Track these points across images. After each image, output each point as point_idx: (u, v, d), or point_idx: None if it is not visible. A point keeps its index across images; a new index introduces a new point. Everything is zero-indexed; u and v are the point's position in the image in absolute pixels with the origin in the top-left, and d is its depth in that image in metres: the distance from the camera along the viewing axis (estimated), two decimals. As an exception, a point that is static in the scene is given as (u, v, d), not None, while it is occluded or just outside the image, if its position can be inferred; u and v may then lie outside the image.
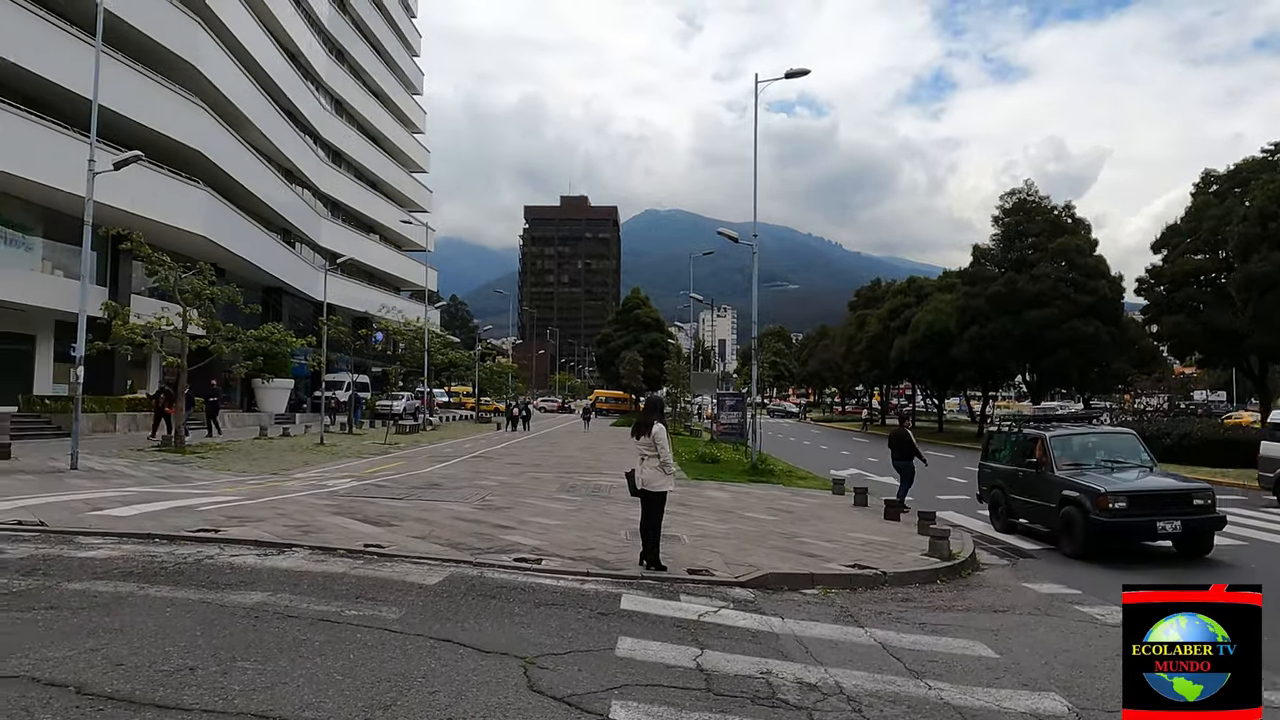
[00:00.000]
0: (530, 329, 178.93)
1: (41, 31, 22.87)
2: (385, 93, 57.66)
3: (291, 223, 41.50)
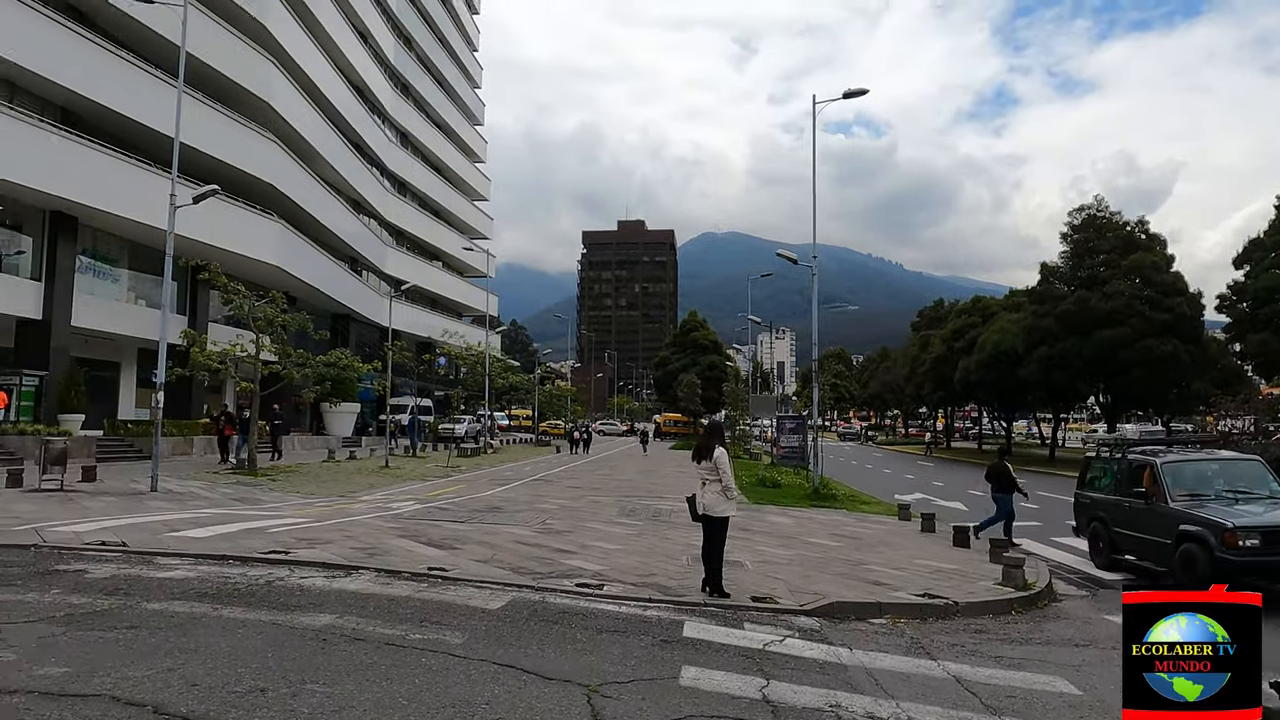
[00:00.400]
0: (588, 352, 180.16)
1: (128, 74, 24.15)
2: (448, 124, 59.20)
3: (359, 251, 42.73)
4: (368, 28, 43.81)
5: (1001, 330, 43.08)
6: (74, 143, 22.46)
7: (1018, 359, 39.92)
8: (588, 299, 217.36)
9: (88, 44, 22.93)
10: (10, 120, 20.71)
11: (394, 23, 48.97)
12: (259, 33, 30.15)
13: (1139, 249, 37.16)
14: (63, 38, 22.11)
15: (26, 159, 20.85)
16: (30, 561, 8.25)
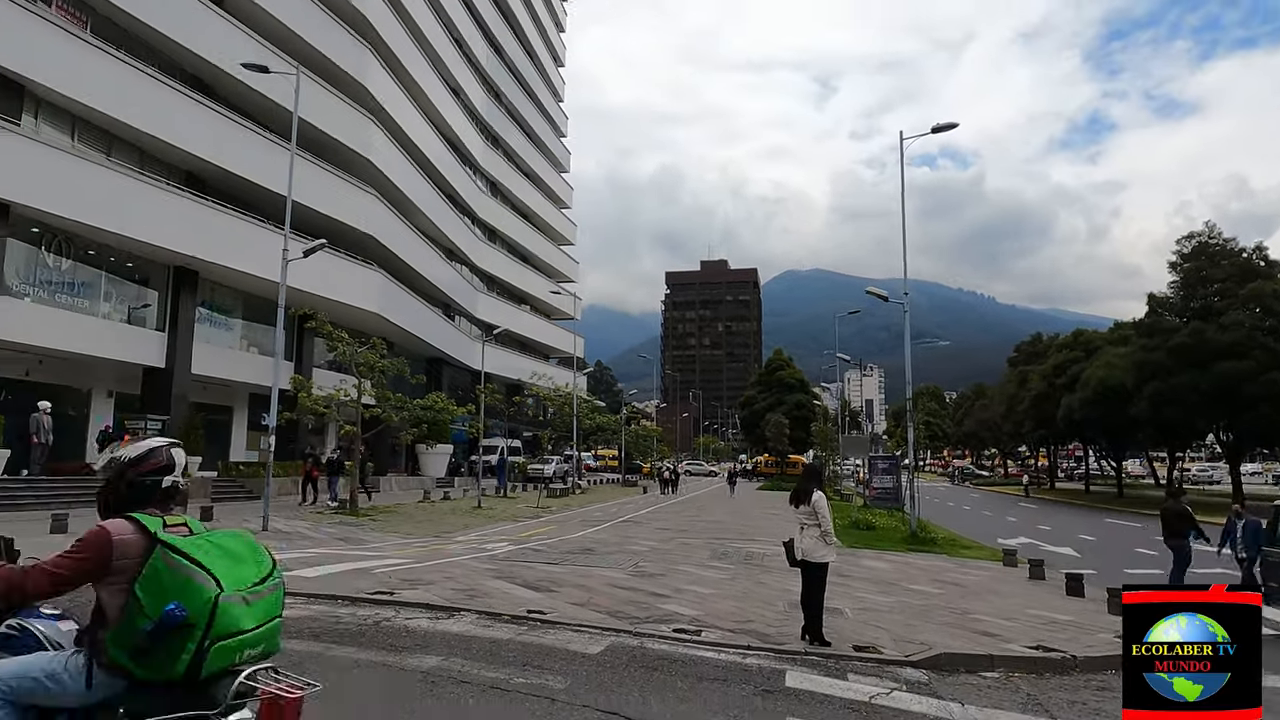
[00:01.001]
0: (673, 392, 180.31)
1: (245, 139, 25.94)
2: (536, 173, 61.09)
3: (451, 297, 44.22)
4: (460, 84, 45.84)
5: (1107, 365, 41.07)
6: (197, 204, 24.19)
7: (1126, 395, 37.91)
8: (671, 339, 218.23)
9: (210, 113, 24.80)
10: (141, 185, 22.50)
11: (484, 78, 51.11)
12: (360, 94, 31.96)
13: (1258, 276, 35.01)
14: (188, 108, 23.98)
15: (155, 220, 22.56)
16: (159, 598, 8.75)
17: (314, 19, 29.46)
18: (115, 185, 21.70)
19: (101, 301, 23.08)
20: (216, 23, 25.13)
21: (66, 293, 21.94)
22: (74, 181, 20.53)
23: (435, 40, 41.23)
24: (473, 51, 48.42)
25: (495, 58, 53.15)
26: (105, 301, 23.22)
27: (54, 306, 21.35)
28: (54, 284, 21.55)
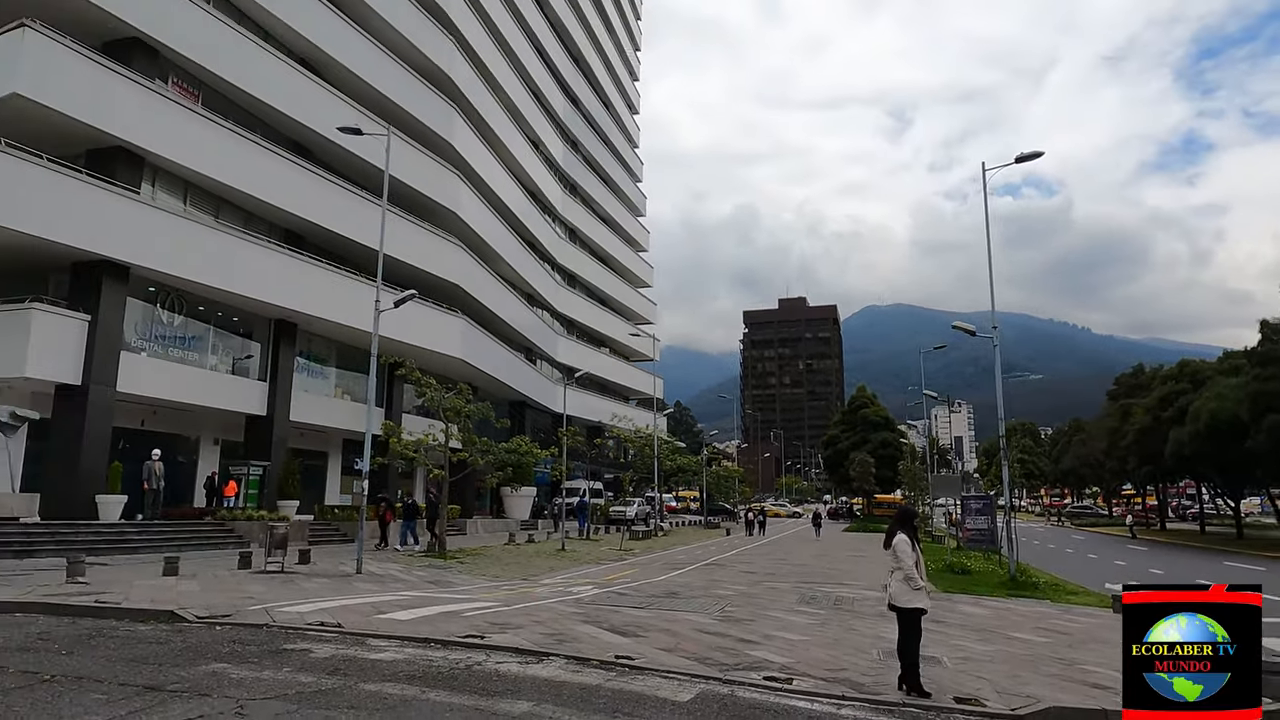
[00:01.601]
0: (754, 432, 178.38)
1: (340, 198, 27.37)
2: (613, 218, 62.24)
3: (533, 342, 45.14)
4: (539, 136, 47.33)
5: (1219, 397, 38.69)
6: (296, 260, 25.56)
7: (1242, 428, 35.58)
8: (751, 378, 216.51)
9: (309, 174, 26.30)
10: (246, 244, 23.94)
11: (562, 129, 52.64)
12: (446, 150, 33.35)
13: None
14: (289, 170, 25.50)
15: (258, 276, 23.93)
16: (264, 640, 9.10)
17: (404, 83, 31.03)
18: (223, 245, 23.15)
19: (209, 354, 24.48)
20: (315, 91, 26.76)
21: (178, 347, 23.38)
22: (186, 243, 22.01)
23: (516, 96, 42.80)
24: (551, 105, 50.01)
25: (572, 109, 54.73)
26: (213, 354, 24.62)
27: (167, 360, 22.76)
28: (167, 339, 23.01)
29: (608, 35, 62.76)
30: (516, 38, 43.62)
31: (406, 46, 31.42)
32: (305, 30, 26.57)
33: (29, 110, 18.75)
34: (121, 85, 20.43)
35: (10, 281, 20.61)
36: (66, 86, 19.15)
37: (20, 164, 18.37)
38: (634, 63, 72.24)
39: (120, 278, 20.71)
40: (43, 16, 19.21)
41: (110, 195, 20.10)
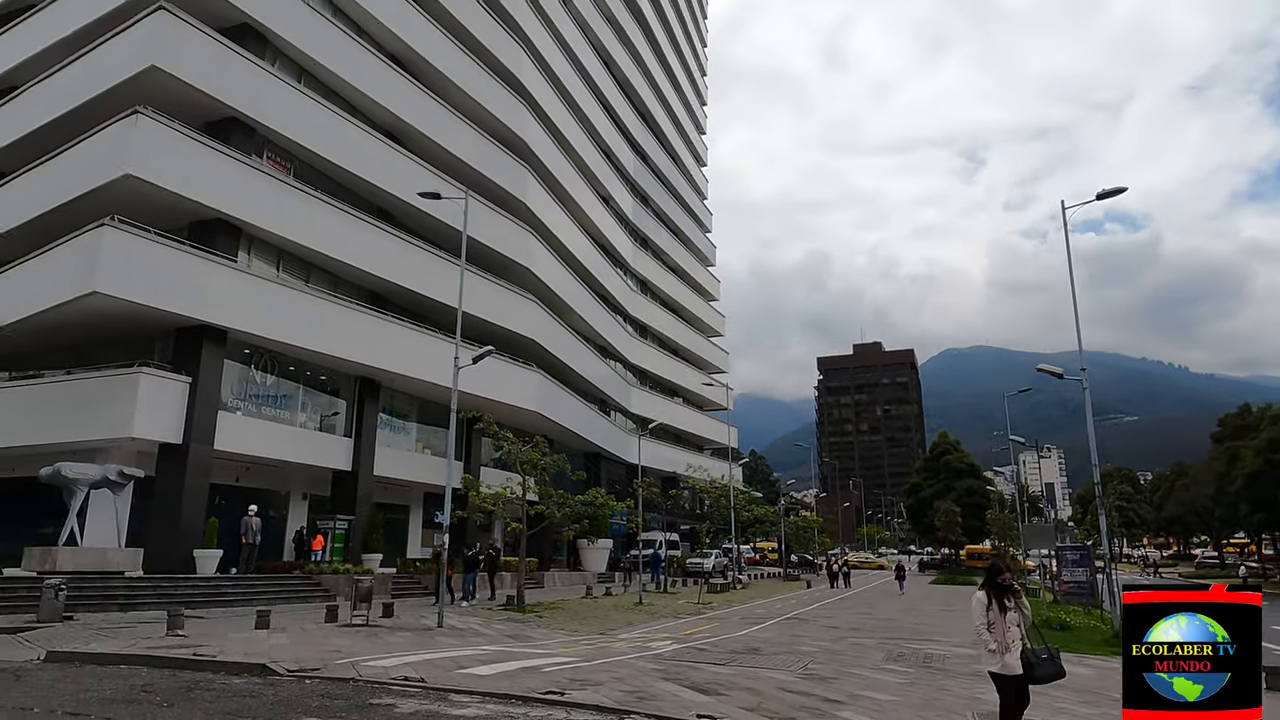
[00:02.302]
0: (832, 481, 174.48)
1: (420, 259, 28.46)
2: (683, 269, 62.81)
3: (607, 393, 45.51)
4: (610, 192, 48.41)
5: (1336, 438, 36.13)
6: (379, 320, 26.57)
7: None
8: (827, 425, 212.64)
9: (391, 238, 27.49)
10: (333, 306, 25.05)
11: (632, 184, 53.73)
12: (520, 209, 34.40)
13: None
14: (373, 235, 26.71)
15: (345, 336, 24.95)
16: (350, 694, 9.28)
17: (480, 147, 32.32)
18: (312, 307, 24.29)
19: (299, 412, 25.50)
20: (397, 159, 28.10)
21: (270, 405, 24.44)
22: (279, 306, 23.18)
23: (586, 155, 44.01)
24: (621, 162, 51.19)
25: (642, 165, 55.87)
26: (302, 411, 25.64)
27: (260, 418, 23.81)
28: (260, 398, 24.09)
29: (674, 93, 64.17)
30: (586, 99, 45.03)
31: (482, 113, 32.79)
32: (388, 102, 28.03)
33: (140, 189, 20.24)
34: (222, 162, 21.89)
35: (120, 347, 22.04)
36: (173, 165, 20.63)
37: (132, 238, 19.77)
38: (701, 117, 73.50)
39: (219, 341, 21.89)
40: (152, 102, 20.84)
41: (211, 264, 21.40)
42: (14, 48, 25.72)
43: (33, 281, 21.13)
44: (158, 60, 20.78)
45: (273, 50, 24.81)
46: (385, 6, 28.49)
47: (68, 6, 24.39)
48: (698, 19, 75.30)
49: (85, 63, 22.60)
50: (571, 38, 43.67)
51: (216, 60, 22.17)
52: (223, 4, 22.69)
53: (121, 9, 22.49)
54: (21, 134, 23.90)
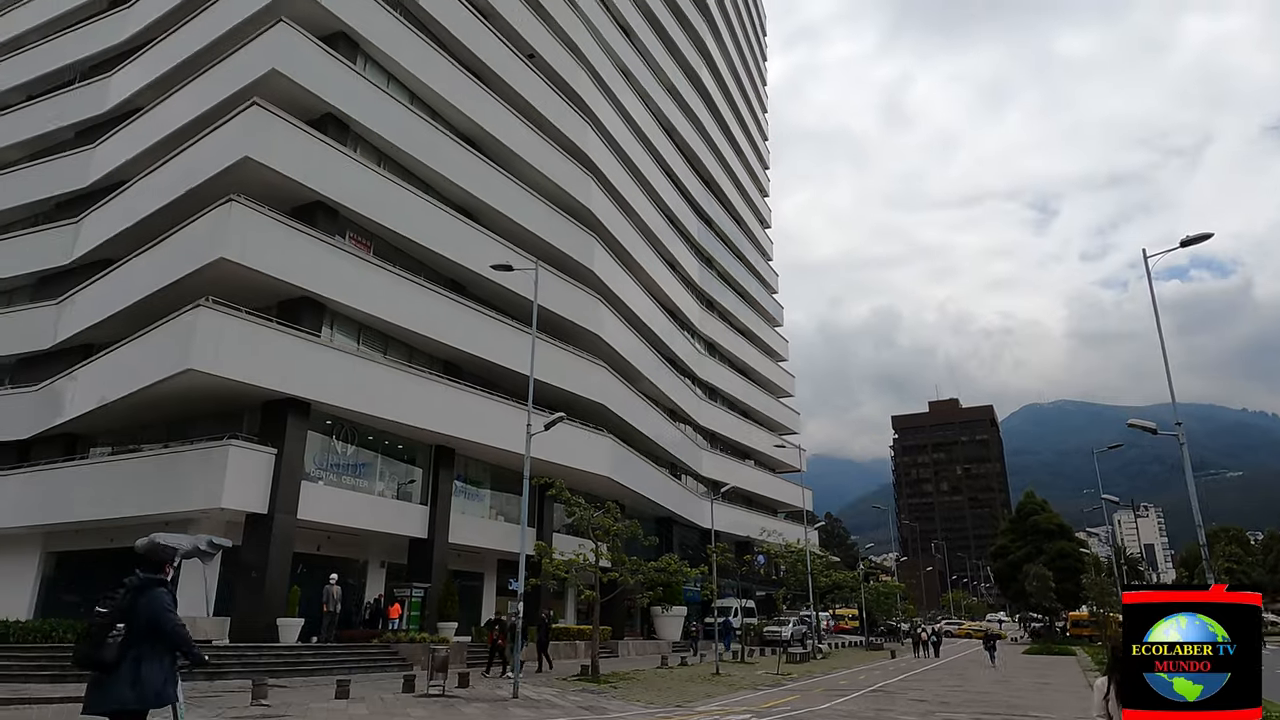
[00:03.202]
0: (912, 544, 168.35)
1: (493, 329, 29.20)
2: (750, 330, 62.76)
3: (677, 457, 45.27)
4: (675, 257, 49.06)
5: None
6: (454, 389, 27.22)
7: None
8: (905, 485, 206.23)
9: (465, 309, 28.34)
10: (410, 376, 25.80)
11: (697, 248, 54.37)
12: (587, 276, 35.11)
13: None
14: (447, 307, 27.59)
15: (421, 406, 25.60)
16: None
17: (547, 218, 33.33)
18: (390, 379, 25.06)
19: (377, 480, 26.10)
20: (469, 233, 29.16)
21: (350, 474, 25.10)
22: (359, 379, 24.00)
23: (651, 221, 44.87)
24: (685, 226, 51.97)
25: (706, 229, 56.58)
26: (380, 480, 26.22)
27: (341, 488, 24.44)
28: (341, 467, 24.78)
29: (736, 158, 65.21)
30: (650, 168, 46.12)
31: (549, 185, 33.89)
32: (461, 180, 29.24)
33: (233, 271, 21.46)
34: (308, 243, 23.09)
35: (212, 421, 23.09)
36: (263, 248, 21.86)
37: (224, 318, 20.89)
38: (763, 180, 74.33)
39: (302, 413, 22.72)
40: (245, 189, 22.25)
41: (296, 340, 22.39)
42: (125, 146, 27.87)
43: (134, 360, 22.43)
44: (251, 151, 22.24)
45: (354, 137, 26.28)
46: (459, 91, 29.98)
47: (171, 108, 26.40)
48: (757, 86, 76.85)
49: (186, 156, 24.33)
50: (634, 110, 45.05)
51: (304, 149, 23.61)
52: (309, 96, 24.25)
53: (218, 106, 24.23)
54: (129, 224, 25.72)
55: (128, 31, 30.36)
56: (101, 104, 29.96)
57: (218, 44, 25.90)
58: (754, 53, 76.83)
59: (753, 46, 76.39)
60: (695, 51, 56.48)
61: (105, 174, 28.26)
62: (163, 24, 28.84)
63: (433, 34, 29.67)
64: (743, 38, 71.32)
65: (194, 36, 26.97)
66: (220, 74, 24.92)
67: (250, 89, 23.54)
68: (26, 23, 34.51)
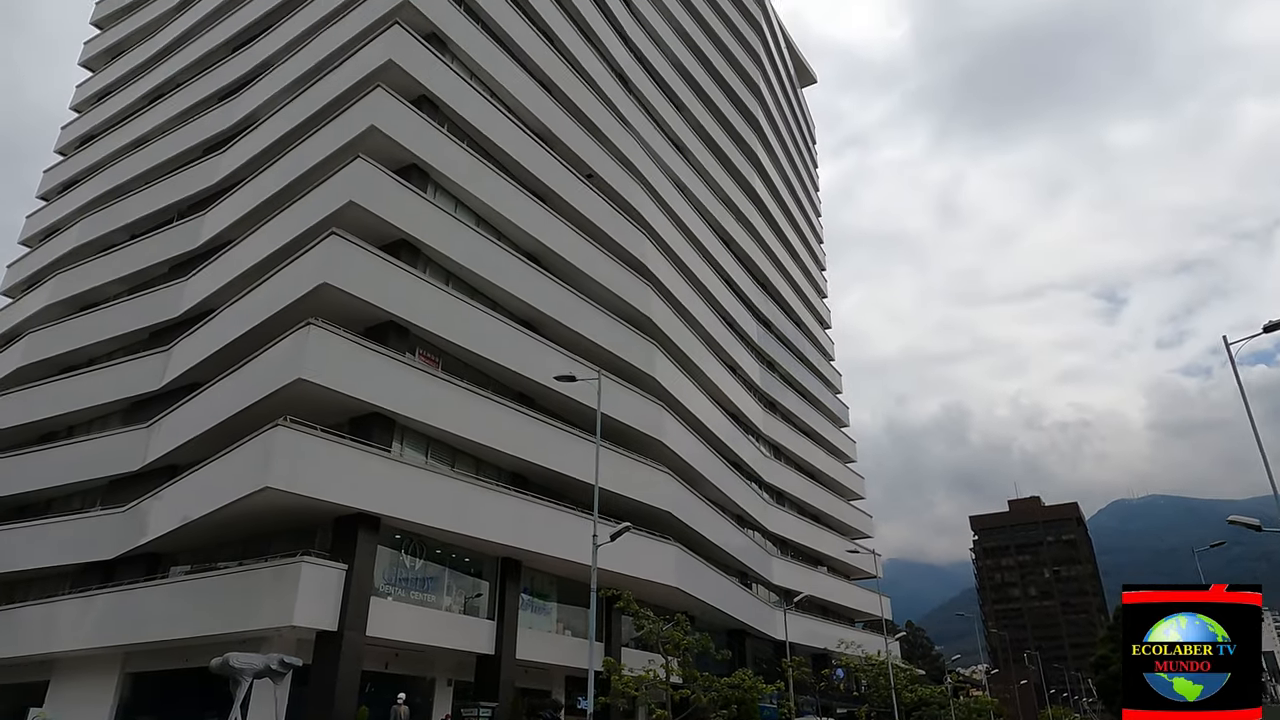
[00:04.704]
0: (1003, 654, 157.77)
1: (558, 439, 29.43)
2: (816, 432, 61.83)
3: (746, 565, 44.00)
4: (735, 361, 49.22)
5: None
6: (520, 500, 27.31)
7: None
8: (989, 590, 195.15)
9: (530, 420, 28.75)
10: (477, 489, 26.04)
11: (757, 352, 54.52)
12: (649, 383, 35.40)
13: None
14: (512, 418, 28.03)
15: (488, 518, 25.71)
16: None
17: (608, 328, 34.05)
18: (458, 491, 25.35)
19: (444, 595, 25.98)
20: (533, 346, 29.91)
21: (418, 589, 25.07)
22: (428, 492, 24.34)
23: (710, 326, 45.39)
24: (744, 330, 52.36)
25: (765, 332, 56.86)
26: (447, 595, 26.11)
27: (409, 603, 24.39)
28: (409, 582, 24.80)
29: (792, 261, 66.06)
30: (707, 274, 47.04)
31: (609, 295, 34.77)
32: (524, 294, 30.25)
33: (309, 391, 22.36)
34: (380, 361, 24.01)
35: (285, 538, 23.53)
36: (338, 368, 22.80)
37: (301, 436, 21.62)
38: (820, 281, 74.84)
39: (372, 528, 23.01)
40: (321, 312, 23.44)
41: (368, 455, 22.95)
42: (214, 277, 29.79)
43: (215, 480, 23.25)
44: (329, 278, 23.55)
45: (424, 258, 27.60)
46: (522, 211, 31.44)
47: (257, 240, 28.29)
48: (809, 191, 78.52)
49: (269, 284, 25.87)
50: (690, 220, 46.42)
51: (377, 273, 24.90)
52: (383, 224, 25.73)
53: (300, 236, 25.88)
54: (215, 349, 27.18)
55: (221, 173, 33.00)
56: (195, 239, 32.28)
57: (301, 180, 27.92)
58: (804, 160, 78.90)
59: (803, 154, 78.53)
60: (747, 162, 58.32)
61: (195, 304, 30.13)
62: (253, 164, 31.31)
63: (497, 160, 31.42)
64: (792, 146, 73.47)
65: (280, 174, 29.16)
66: (303, 207, 26.75)
67: (330, 219, 25.14)
68: (132, 170, 37.82)
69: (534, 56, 34.66)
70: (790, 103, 75.48)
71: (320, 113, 29.12)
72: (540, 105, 34.35)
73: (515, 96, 32.96)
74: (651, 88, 46.31)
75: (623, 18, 44.36)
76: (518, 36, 33.90)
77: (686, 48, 52.43)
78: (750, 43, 62.40)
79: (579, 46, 38.55)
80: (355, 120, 26.98)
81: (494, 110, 31.50)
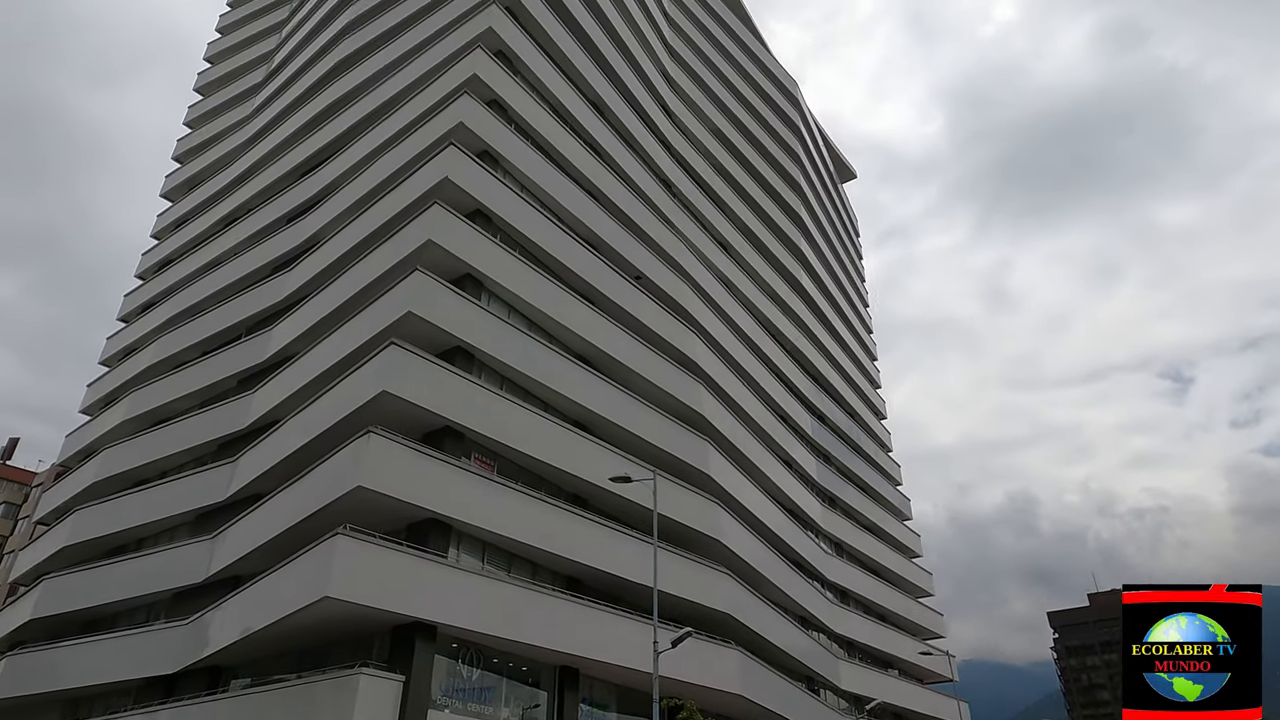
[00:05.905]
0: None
1: (614, 541, 29.04)
2: (878, 526, 59.93)
3: (812, 669, 42.05)
4: (791, 456, 48.49)
5: None
6: (577, 605, 26.81)
7: None
8: (1076, 694, 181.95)
9: (586, 522, 28.53)
10: (534, 594, 25.68)
11: (812, 445, 53.68)
12: (704, 481, 34.99)
13: None
14: (569, 521, 27.87)
15: (545, 624, 25.23)
16: None
17: (661, 427, 34.02)
18: (514, 597, 25.03)
19: (502, 706, 25.30)
20: (588, 447, 29.97)
21: (476, 700, 24.48)
22: (485, 599, 24.09)
23: (763, 421, 45.01)
24: (798, 424, 51.75)
25: (819, 425, 56.11)
26: (505, 706, 25.41)
27: (466, 715, 23.78)
28: (465, 693, 24.25)
29: (843, 352, 65.71)
30: (758, 369, 47.01)
31: (661, 395, 34.89)
32: (577, 396, 30.57)
33: (368, 498, 22.65)
34: (437, 467, 24.29)
35: (342, 648, 23.38)
36: (397, 475, 23.12)
37: (360, 544, 21.78)
38: (872, 372, 74.07)
39: (429, 637, 22.75)
40: (380, 420, 23.97)
41: (425, 563, 22.94)
42: (279, 389, 30.83)
43: (275, 590, 23.40)
44: (388, 386, 24.20)
45: (478, 364, 28.23)
46: (572, 314, 32.13)
47: (320, 352, 29.33)
48: (855, 283, 78.73)
49: (331, 394, 26.66)
50: (738, 317, 46.80)
51: (434, 380, 25.51)
52: (440, 333, 26.53)
53: (361, 347, 26.80)
54: (277, 460, 27.86)
55: (287, 290, 34.60)
56: (262, 354, 33.62)
57: (363, 293, 29.09)
58: (849, 253, 79.49)
59: (847, 247, 79.19)
60: (792, 258, 59.02)
61: (261, 415, 31.11)
62: (317, 280, 32.79)
63: (548, 266, 32.39)
64: (836, 240, 74.23)
65: (343, 289, 30.43)
66: (364, 319, 27.78)
67: (389, 330, 26.03)
68: (205, 291, 39.90)
69: (581, 167, 36.16)
70: (832, 198, 76.75)
71: (380, 229, 30.59)
72: (588, 212, 35.58)
73: (564, 205, 34.23)
74: (695, 191, 47.68)
75: (664, 127, 46.20)
76: (565, 150, 35.48)
77: (727, 151, 54.14)
78: (788, 143, 64.15)
79: (623, 155, 40.11)
80: (413, 235, 28.25)
81: (544, 219, 32.70)
